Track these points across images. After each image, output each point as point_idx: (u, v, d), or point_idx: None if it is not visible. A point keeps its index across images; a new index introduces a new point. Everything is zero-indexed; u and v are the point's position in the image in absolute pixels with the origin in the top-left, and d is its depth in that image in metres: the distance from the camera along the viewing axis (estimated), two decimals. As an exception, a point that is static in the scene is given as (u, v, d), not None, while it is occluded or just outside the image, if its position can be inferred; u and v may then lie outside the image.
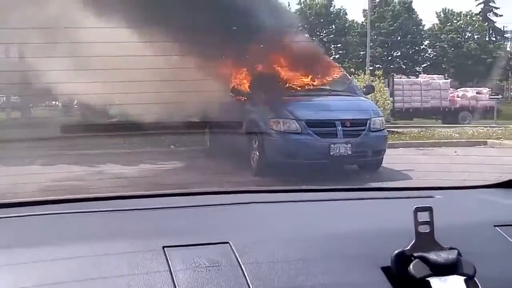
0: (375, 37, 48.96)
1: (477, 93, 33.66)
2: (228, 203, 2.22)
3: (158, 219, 2.02)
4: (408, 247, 1.55)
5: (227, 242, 1.64)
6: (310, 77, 12.41)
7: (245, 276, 1.51)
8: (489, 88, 36.82)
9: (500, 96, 58.32)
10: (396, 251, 1.55)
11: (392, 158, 11.74)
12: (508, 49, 58.65)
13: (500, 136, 18.22)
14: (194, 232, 1.80)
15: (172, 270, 1.51)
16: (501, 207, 2.30)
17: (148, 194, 2.43)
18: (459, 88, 39.55)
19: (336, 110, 11.48)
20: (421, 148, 15.44)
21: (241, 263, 1.56)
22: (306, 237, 1.75)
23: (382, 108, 16.52)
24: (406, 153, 13.88)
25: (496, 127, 22.56)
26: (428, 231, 1.56)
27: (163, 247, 1.60)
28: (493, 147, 16.18)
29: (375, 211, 2.18)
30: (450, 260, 1.51)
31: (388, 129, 13.29)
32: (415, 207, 1.57)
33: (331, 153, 10.83)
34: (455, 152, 14.60)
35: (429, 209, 1.57)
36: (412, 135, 18.48)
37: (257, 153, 11.08)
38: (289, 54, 12.50)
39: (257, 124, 11.37)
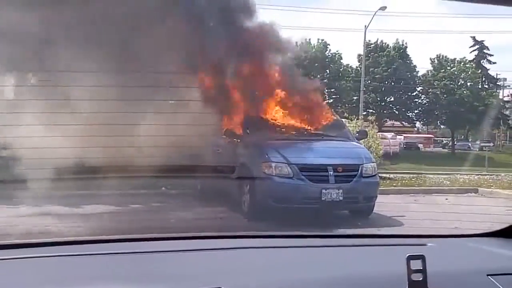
0: (369, 82, 49.26)
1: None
2: (220, 247, 2.21)
3: (150, 263, 2.01)
4: None
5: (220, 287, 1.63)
6: (303, 121, 12.47)
7: None
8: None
9: (491, 144, 58.74)
10: None
11: (384, 205, 11.74)
12: (500, 97, 59.04)
13: (491, 184, 18.27)
14: (186, 277, 1.80)
15: None
16: (493, 256, 2.29)
17: (139, 237, 2.41)
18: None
19: (329, 156, 11.50)
20: (413, 194, 15.45)
21: None
22: (299, 285, 1.74)
23: (374, 154, 16.56)
24: (398, 200, 13.90)
25: (487, 175, 22.65)
26: (421, 279, 1.56)
27: None
28: (483, 196, 16.21)
29: (368, 258, 2.17)
30: None
31: (380, 175, 13.32)
32: (407, 255, 1.59)
33: (323, 198, 10.80)
34: (446, 199, 14.63)
35: (421, 258, 1.58)
36: (403, 181, 18.50)
37: (249, 196, 11.06)
38: (283, 98, 12.58)
39: (249, 167, 11.38)
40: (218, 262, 2.04)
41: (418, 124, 63.25)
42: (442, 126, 65.45)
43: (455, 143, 57.27)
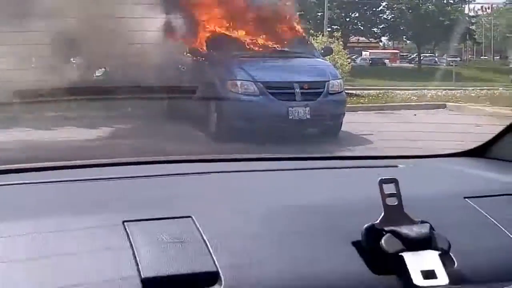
0: (333, -3, 48.89)
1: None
2: (189, 172, 2.16)
3: (116, 190, 1.95)
4: (378, 221, 1.51)
5: (190, 216, 1.59)
6: (269, 38, 12.35)
7: (209, 252, 1.47)
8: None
9: (458, 59, 59.26)
10: (366, 225, 1.52)
11: (351, 122, 11.76)
12: (466, 12, 59.26)
13: (459, 99, 18.44)
14: (155, 205, 1.74)
15: (133, 246, 1.46)
16: (467, 177, 2.28)
17: (104, 162, 2.33)
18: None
19: (295, 72, 11.45)
20: (380, 111, 15.52)
21: (204, 238, 1.51)
22: (271, 210, 1.70)
23: (341, 70, 16.51)
24: (365, 117, 13.95)
25: (455, 89, 22.83)
26: (396, 203, 1.52)
27: (123, 221, 1.55)
28: (452, 110, 16.38)
29: (340, 181, 2.14)
30: (423, 234, 1.48)
31: (346, 91, 13.31)
32: (379, 178, 1.54)
33: (290, 117, 10.79)
34: (414, 115, 14.75)
35: (394, 181, 1.54)
36: (371, 98, 18.56)
37: (216, 115, 10.99)
38: (248, 14, 12.41)
39: (215, 86, 11.27)
40: (187, 189, 1.98)
41: (383, 39, 63.41)
42: (408, 42, 65.73)
43: (421, 58, 57.64)
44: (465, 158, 2.45)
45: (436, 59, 61.04)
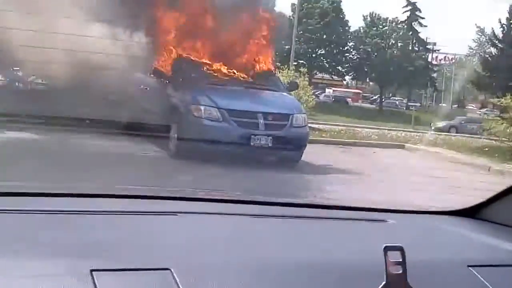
0: (301, 32, 49.29)
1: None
2: (169, 211, 1.97)
3: (83, 227, 1.73)
4: None
5: (168, 269, 1.42)
6: (237, 67, 12.42)
7: None
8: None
9: (418, 104, 60.18)
10: None
11: (312, 154, 11.87)
12: (429, 60, 60.24)
13: (417, 142, 18.74)
14: (128, 251, 1.55)
15: None
16: (468, 241, 2.14)
17: (69, 192, 2.10)
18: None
19: (259, 103, 11.52)
20: (341, 146, 15.67)
21: None
22: (255, 266, 1.55)
23: (305, 105, 16.67)
24: (326, 150, 14.07)
25: (414, 132, 23.16)
26: (400, 272, 1.41)
27: (91, 270, 1.36)
28: (410, 151, 16.62)
29: (328, 235, 2.00)
30: None
31: (310, 125, 13.43)
32: (384, 245, 1.41)
33: (252, 144, 10.81)
34: (374, 152, 14.92)
35: (400, 249, 1.42)
36: (332, 133, 18.73)
37: (176, 137, 10.97)
38: (216, 41, 12.46)
39: (177, 109, 11.26)
40: (167, 232, 1.80)
41: (347, 78, 64.13)
42: (371, 83, 66.56)
43: (383, 100, 58.35)
44: (458, 218, 2.32)
45: (397, 102, 61.86)
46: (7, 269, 1.34)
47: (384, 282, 1.38)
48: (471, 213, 2.30)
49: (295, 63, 33.09)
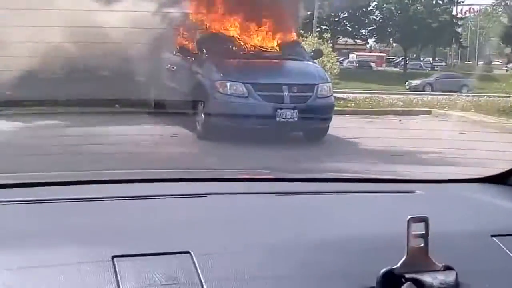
0: (323, -4, 48.74)
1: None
2: (189, 193, 1.98)
3: (104, 213, 1.75)
4: (398, 265, 1.35)
5: (188, 252, 1.43)
6: (260, 39, 12.36)
7: None
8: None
9: (443, 64, 59.32)
10: (383, 270, 1.35)
11: (338, 126, 11.83)
12: (454, 13, 59.12)
13: (444, 106, 18.56)
14: (148, 236, 1.56)
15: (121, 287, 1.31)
16: (493, 209, 2.07)
17: (89, 179, 2.16)
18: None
19: (284, 75, 11.50)
20: (367, 116, 15.59)
21: (202, 280, 1.36)
22: (277, 247, 1.54)
23: (329, 73, 16.57)
24: (352, 122, 14.03)
25: (440, 95, 22.94)
26: (421, 245, 1.36)
27: (113, 256, 1.38)
28: (437, 117, 16.49)
29: (354, 210, 1.96)
30: (448, 284, 1.34)
31: (334, 95, 13.37)
32: (409, 217, 1.35)
33: (277, 119, 10.82)
34: (400, 120, 14.84)
35: (425, 220, 1.37)
36: (357, 102, 18.64)
37: (203, 116, 11.03)
38: (238, 14, 12.40)
39: (203, 86, 11.28)
40: (185, 214, 1.79)
41: (371, 41, 63.36)
42: (394, 44, 65.66)
43: (407, 62, 57.60)
44: (486, 184, 2.26)
45: (422, 63, 61.07)
46: (30, 259, 1.37)
47: (404, 257, 1.36)
48: (501, 179, 2.25)
49: (318, 29, 32.80)
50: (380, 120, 14.97)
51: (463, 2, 59.96)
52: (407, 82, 35.98)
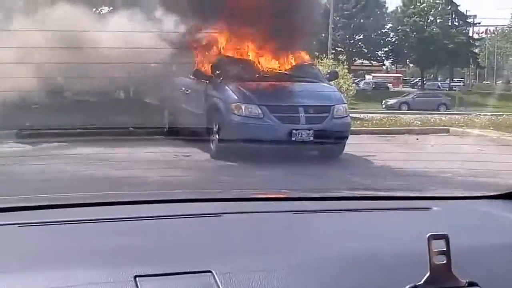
0: (338, 19, 48.95)
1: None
2: (208, 213, 2.00)
3: (124, 234, 1.76)
4: (422, 282, 1.36)
5: (209, 271, 1.43)
6: (275, 62, 12.41)
7: None
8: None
9: (461, 84, 59.15)
10: (408, 286, 1.36)
11: (355, 145, 11.83)
12: (470, 34, 59.14)
13: (462, 124, 18.47)
14: (169, 256, 1.58)
15: None
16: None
17: (109, 201, 2.18)
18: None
19: (300, 96, 11.52)
20: (384, 135, 15.56)
21: None
22: (298, 264, 1.54)
23: (345, 94, 16.59)
24: (369, 140, 13.99)
25: (458, 114, 22.86)
26: (444, 262, 1.37)
27: (135, 276, 1.39)
28: (455, 135, 16.39)
29: (372, 226, 1.98)
30: None
31: (351, 115, 13.36)
32: (429, 234, 1.37)
33: (293, 139, 10.83)
34: (417, 139, 14.78)
35: (444, 237, 1.38)
36: (374, 122, 18.60)
37: (217, 136, 11.06)
38: (253, 37, 12.46)
39: (218, 108, 11.32)
40: (206, 234, 1.82)
41: (387, 63, 63.44)
42: (411, 65, 65.71)
43: (424, 82, 57.62)
44: (505, 201, 2.25)
45: (439, 83, 60.99)
46: (53, 280, 1.38)
47: (428, 273, 1.35)
48: None
49: (333, 51, 32.92)
50: (397, 139, 14.91)
51: (479, 23, 60.12)
52: (383, 101, 35.73)
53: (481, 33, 61.52)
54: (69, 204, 2.05)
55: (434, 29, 54.20)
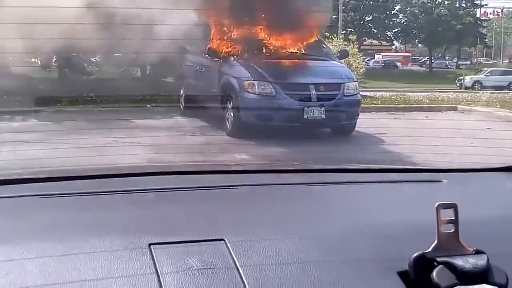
0: (348, 0, 48.78)
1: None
2: (222, 185, 2.00)
3: (140, 204, 1.78)
4: (430, 249, 1.34)
5: (222, 239, 1.44)
6: (287, 40, 12.35)
7: (243, 281, 1.32)
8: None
9: (468, 62, 58.96)
10: (416, 254, 1.34)
11: (365, 122, 11.80)
12: (478, 15, 58.94)
13: (470, 102, 18.38)
14: (183, 225, 1.59)
15: (159, 273, 1.32)
16: None
17: (126, 173, 2.17)
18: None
19: (311, 74, 11.47)
20: (393, 112, 15.51)
21: (238, 265, 1.37)
22: (310, 234, 1.54)
23: (356, 73, 16.52)
24: (378, 117, 13.97)
25: (465, 92, 22.73)
26: (452, 231, 1.35)
27: (149, 244, 1.40)
28: (463, 113, 16.33)
29: (383, 199, 1.97)
30: (480, 266, 1.31)
31: (361, 93, 13.34)
32: (437, 203, 1.35)
33: (305, 117, 10.81)
34: (426, 116, 14.71)
35: (453, 206, 1.36)
36: (383, 99, 18.53)
37: (232, 114, 11.07)
38: (267, 15, 12.39)
39: (232, 86, 11.30)
40: (219, 205, 1.82)
41: (396, 43, 63.23)
42: (419, 45, 65.46)
43: (432, 61, 57.42)
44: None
45: (447, 62, 60.77)
46: (70, 247, 1.40)
47: (435, 241, 1.34)
48: None
49: (344, 32, 32.81)
50: (406, 116, 14.86)
51: (486, 5, 59.88)
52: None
53: (489, 13, 61.32)
54: (85, 175, 2.06)
55: (442, 10, 53.88)
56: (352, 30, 44.39)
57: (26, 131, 9.70)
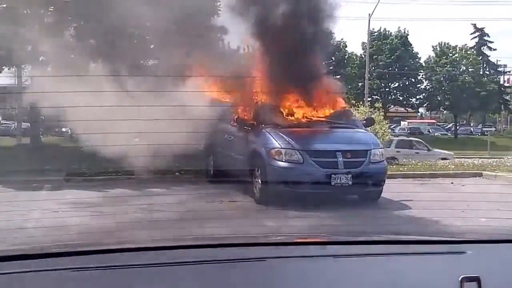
0: (373, 68, 49.12)
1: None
2: (248, 258, 2.00)
3: (174, 279, 1.79)
4: None
5: None
6: (314, 109, 12.39)
7: None
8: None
9: (493, 129, 58.62)
10: None
11: (391, 189, 11.67)
12: (501, 82, 58.99)
13: (495, 168, 18.12)
14: None
15: None
16: None
17: (158, 246, 2.18)
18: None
19: (338, 142, 11.44)
20: (419, 178, 15.36)
21: None
22: None
23: (381, 140, 16.45)
24: (405, 184, 13.82)
25: (490, 158, 22.46)
26: None
27: None
28: (488, 179, 16.09)
29: (409, 270, 1.96)
30: None
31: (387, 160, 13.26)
32: (461, 276, 1.39)
33: (332, 183, 10.74)
34: (452, 183, 14.54)
35: (477, 280, 1.39)
36: (410, 166, 18.40)
37: (260, 181, 11.03)
38: (294, 85, 12.46)
39: (260, 154, 11.29)
40: (245, 279, 1.84)
41: (421, 109, 63.21)
42: (444, 112, 65.36)
43: (457, 128, 57.21)
44: None
45: (472, 128, 60.49)
46: None
47: None
48: None
49: (369, 99, 32.89)
50: (431, 183, 14.69)
51: (509, 72, 60.00)
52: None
53: (512, 81, 61.36)
54: (119, 248, 2.06)
55: (466, 78, 53.93)
56: (378, 97, 44.53)
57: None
